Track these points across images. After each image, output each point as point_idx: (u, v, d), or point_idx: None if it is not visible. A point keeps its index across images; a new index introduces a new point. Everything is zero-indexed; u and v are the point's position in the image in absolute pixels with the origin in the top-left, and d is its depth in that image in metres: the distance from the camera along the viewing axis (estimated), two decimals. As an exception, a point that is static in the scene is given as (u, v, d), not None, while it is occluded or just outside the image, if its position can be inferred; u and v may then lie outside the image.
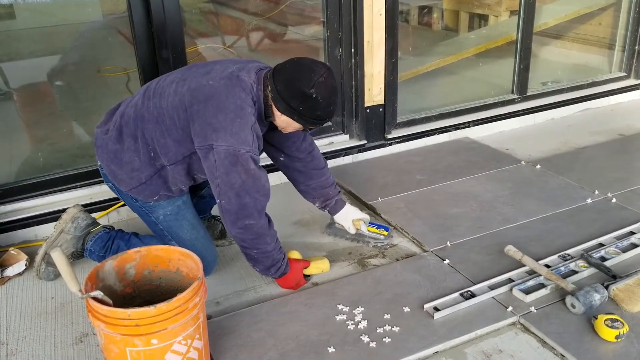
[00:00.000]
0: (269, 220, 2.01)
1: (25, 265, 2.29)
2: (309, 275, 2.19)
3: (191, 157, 1.98)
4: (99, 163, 2.12)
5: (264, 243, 1.98)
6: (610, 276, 2.06)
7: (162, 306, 1.45)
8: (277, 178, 3.01)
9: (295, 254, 2.21)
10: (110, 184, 2.14)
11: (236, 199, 1.89)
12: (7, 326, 2.00)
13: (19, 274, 2.27)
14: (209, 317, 1.95)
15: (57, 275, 2.23)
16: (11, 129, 2.71)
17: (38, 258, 2.19)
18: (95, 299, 1.48)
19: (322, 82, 1.89)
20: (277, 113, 1.97)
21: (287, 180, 2.98)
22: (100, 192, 2.63)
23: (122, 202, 2.62)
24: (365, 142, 3.19)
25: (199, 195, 2.39)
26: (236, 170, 1.86)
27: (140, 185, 2.03)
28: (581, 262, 2.16)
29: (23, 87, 2.83)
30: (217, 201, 1.93)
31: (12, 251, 2.32)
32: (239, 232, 1.94)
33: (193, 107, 1.88)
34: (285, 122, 2.00)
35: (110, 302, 1.50)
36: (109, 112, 2.13)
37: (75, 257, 2.24)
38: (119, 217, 2.68)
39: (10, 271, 2.27)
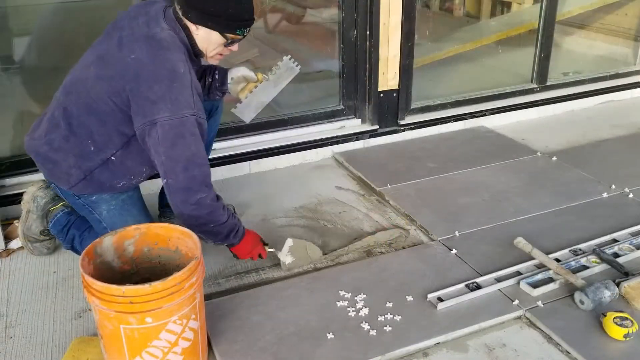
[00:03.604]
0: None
1: (30, 238, 2.30)
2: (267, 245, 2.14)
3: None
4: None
5: (219, 215, 1.90)
6: (623, 273, 2.00)
7: (157, 284, 1.43)
8: (286, 162, 2.99)
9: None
10: (52, 184, 2.08)
11: (184, 174, 1.80)
12: (8, 298, 2.01)
13: (23, 247, 2.27)
14: (208, 298, 1.93)
15: (50, 249, 2.23)
16: (21, 103, 2.70)
17: (21, 239, 2.18)
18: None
19: None
20: (194, 32, 1.88)
21: (293, 164, 2.99)
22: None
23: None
24: (377, 127, 3.14)
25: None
26: (183, 142, 1.77)
27: (79, 182, 1.94)
28: (593, 258, 2.10)
29: (34, 62, 2.81)
30: (163, 181, 1.83)
31: (17, 224, 2.31)
32: (193, 210, 1.84)
33: (126, 88, 1.79)
34: (205, 40, 1.89)
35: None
36: (35, 123, 2.05)
37: (46, 234, 2.20)
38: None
39: (14, 244, 2.27)
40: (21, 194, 2.43)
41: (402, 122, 3.20)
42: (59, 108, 1.94)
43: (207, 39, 1.90)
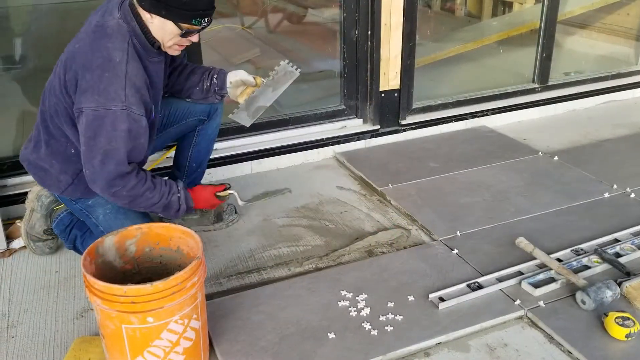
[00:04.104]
0: (144, 175, 1.86)
1: (32, 238, 2.30)
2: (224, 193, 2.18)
3: None
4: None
5: (145, 200, 1.86)
6: (624, 273, 2.00)
7: (158, 284, 1.43)
8: (287, 161, 2.99)
9: None
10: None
11: (100, 167, 1.76)
12: (10, 298, 2.01)
13: (24, 247, 2.27)
14: (210, 297, 1.93)
15: (52, 248, 2.23)
16: (23, 103, 2.70)
17: (23, 238, 2.19)
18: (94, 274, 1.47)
19: None
20: (149, 21, 1.81)
21: (294, 164, 2.99)
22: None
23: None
24: (378, 127, 3.14)
25: None
26: (105, 135, 1.73)
27: (69, 186, 1.96)
28: (594, 258, 2.09)
29: (35, 62, 2.81)
30: (83, 170, 1.82)
31: (19, 224, 2.32)
32: (113, 200, 1.85)
33: (66, 79, 1.78)
34: (160, 29, 1.82)
35: None
36: (31, 133, 2.06)
37: (49, 234, 2.21)
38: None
39: (16, 243, 2.28)
40: (23, 194, 2.44)
41: (403, 122, 3.20)
42: (39, 113, 1.95)
43: (162, 29, 1.82)
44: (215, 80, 2.17)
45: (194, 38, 1.88)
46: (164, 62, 2.00)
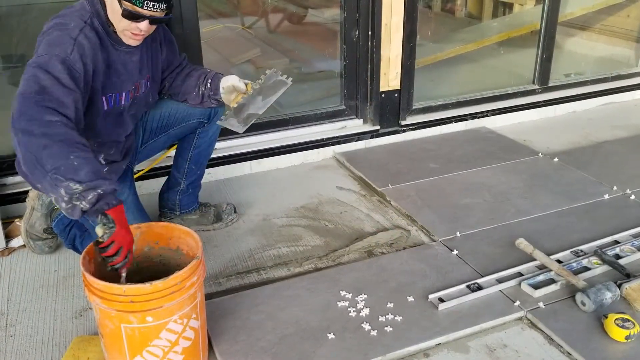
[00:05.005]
0: (82, 138, 1.59)
1: (31, 237, 2.29)
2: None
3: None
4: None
5: (61, 158, 1.51)
6: (624, 274, 2.00)
7: (158, 284, 1.42)
8: (287, 161, 2.99)
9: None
10: None
11: (15, 102, 1.62)
12: (9, 297, 2.00)
13: (24, 246, 2.27)
14: (209, 297, 1.93)
15: (52, 247, 2.23)
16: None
17: (23, 237, 2.19)
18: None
19: None
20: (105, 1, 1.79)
21: (294, 164, 2.99)
22: (109, 167, 2.61)
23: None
24: (378, 127, 3.14)
25: (181, 190, 2.35)
26: (37, 77, 1.64)
27: None
28: (594, 259, 2.09)
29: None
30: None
31: (18, 222, 2.32)
32: (15, 141, 1.62)
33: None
34: (110, 8, 1.78)
35: None
36: None
37: (49, 233, 2.20)
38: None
39: (15, 242, 2.27)
40: (22, 193, 2.44)
41: (403, 123, 3.20)
42: None
43: (111, 7, 1.78)
44: (209, 86, 2.14)
45: (142, 25, 1.79)
46: (140, 55, 1.95)
